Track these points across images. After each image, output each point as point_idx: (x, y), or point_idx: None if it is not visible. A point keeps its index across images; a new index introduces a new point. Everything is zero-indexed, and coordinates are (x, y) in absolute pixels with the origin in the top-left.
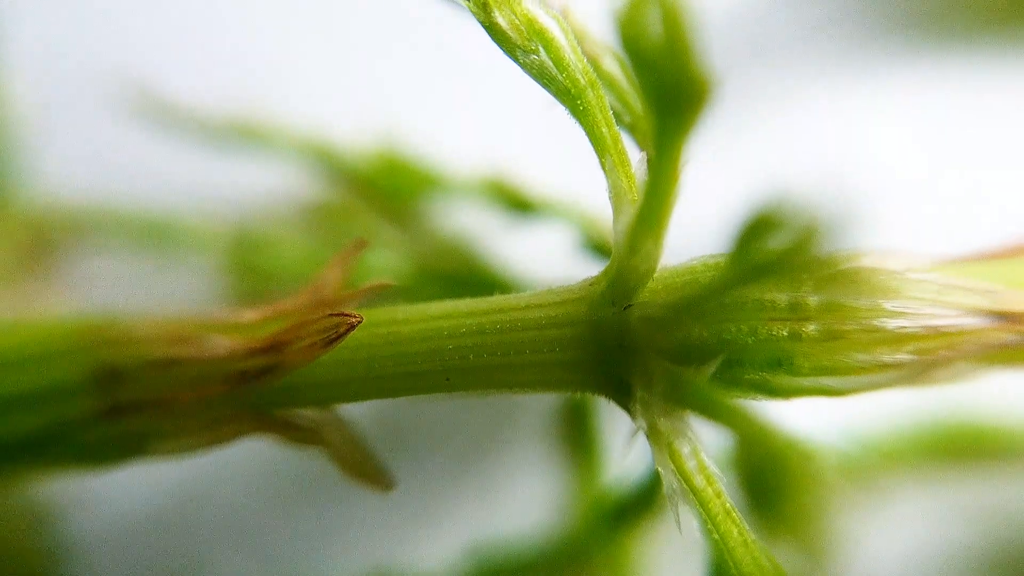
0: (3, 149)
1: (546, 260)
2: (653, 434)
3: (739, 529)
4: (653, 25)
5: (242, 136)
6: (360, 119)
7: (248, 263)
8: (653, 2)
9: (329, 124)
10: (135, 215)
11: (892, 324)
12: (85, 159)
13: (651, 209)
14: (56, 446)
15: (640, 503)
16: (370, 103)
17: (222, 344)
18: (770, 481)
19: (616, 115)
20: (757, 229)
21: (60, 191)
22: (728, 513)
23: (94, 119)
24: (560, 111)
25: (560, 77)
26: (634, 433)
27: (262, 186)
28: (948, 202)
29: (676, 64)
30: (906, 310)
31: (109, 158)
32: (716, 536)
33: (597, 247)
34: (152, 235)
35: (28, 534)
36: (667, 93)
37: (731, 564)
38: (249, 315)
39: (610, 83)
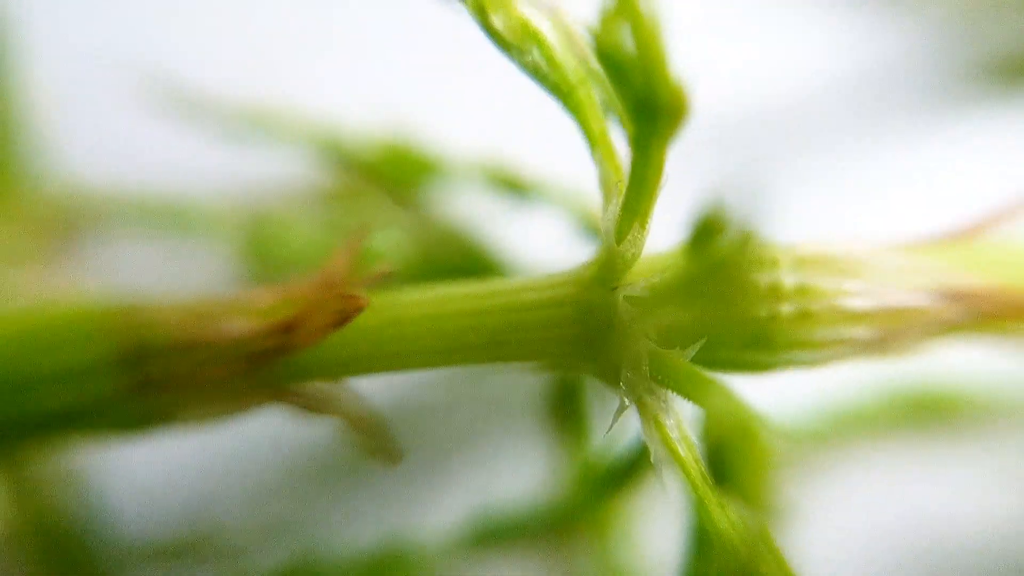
0: (23, 137)
1: (545, 247)
2: (640, 409)
3: (716, 493)
4: (626, 40)
5: (255, 125)
6: (367, 109)
7: (261, 247)
8: (625, 18)
9: (338, 113)
10: (151, 201)
11: (855, 303)
12: (103, 147)
13: (635, 199)
14: (89, 419)
15: (627, 471)
16: (377, 93)
17: (239, 325)
18: (733, 452)
19: (607, 106)
20: (706, 229)
21: (79, 178)
22: (707, 479)
23: (112, 108)
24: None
25: (552, 75)
26: (622, 407)
27: (273, 173)
28: (906, 192)
29: (649, 78)
30: (867, 290)
31: (126, 146)
32: (696, 499)
33: (593, 232)
34: (168, 220)
35: (63, 497)
36: (643, 105)
37: (709, 524)
38: (263, 297)
39: (599, 79)
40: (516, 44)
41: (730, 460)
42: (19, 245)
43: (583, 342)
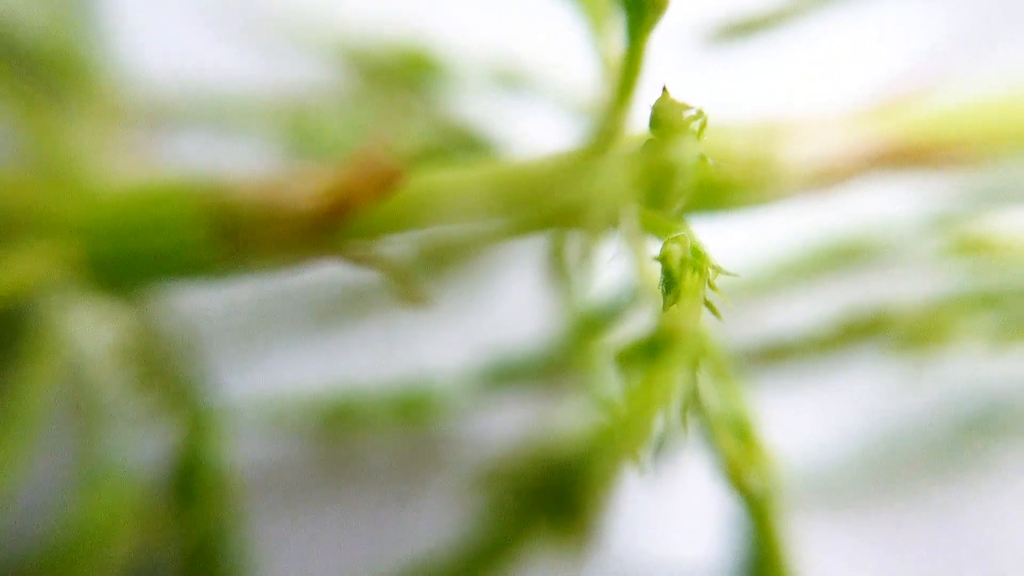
0: (104, 45)
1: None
2: (632, 254)
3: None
4: None
5: (288, 34)
6: (385, 16)
7: (301, 139)
8: None
9: (359, 22)
10: (207, 100)
11: (796, 162)
12: (165, 54)
13: (626, 80)
14: (187, 268)
15: (616, 311)
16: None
17: (304, 197)
18: (681, 269)
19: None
20: (657, 113)
21: (146, 80)
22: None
23: (173, 21)
24: None
25: None
26: (616, 255)
27: (305, 77)
28: (843, 64)
29: None
30: (807, 151)
31: (186, 53)
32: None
33: (588, 117)
34: (222, 116)
35: (164, 328)
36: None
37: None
38: (320, 175)
39: None
40: None
41: (677, 274)
42: (107, 134)
43: (583, 201)
